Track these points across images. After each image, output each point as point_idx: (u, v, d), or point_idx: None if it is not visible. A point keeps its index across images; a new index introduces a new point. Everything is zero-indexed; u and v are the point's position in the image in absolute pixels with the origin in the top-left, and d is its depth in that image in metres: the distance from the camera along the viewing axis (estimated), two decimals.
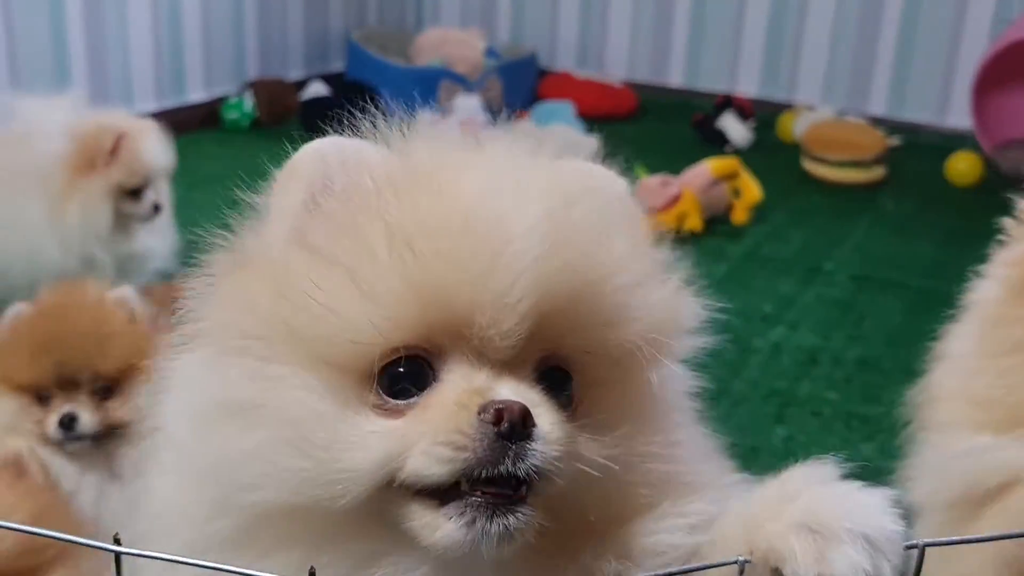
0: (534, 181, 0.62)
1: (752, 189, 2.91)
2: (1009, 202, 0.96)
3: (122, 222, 2.15)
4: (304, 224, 0.63)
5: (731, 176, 2.89)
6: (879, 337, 2.24)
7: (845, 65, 4.11)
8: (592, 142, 3.50)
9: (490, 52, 4.22)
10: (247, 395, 0.59)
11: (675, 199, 2.79)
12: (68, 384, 1.32)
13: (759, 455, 1.74)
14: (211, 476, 0.60)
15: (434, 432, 0.57)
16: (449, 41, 4.21)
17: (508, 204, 0.59)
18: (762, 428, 1.84)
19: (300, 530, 0.58)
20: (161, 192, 2.23)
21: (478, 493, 0.56)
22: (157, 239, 2.23)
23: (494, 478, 0.56)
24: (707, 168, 2.89)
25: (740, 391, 1.98)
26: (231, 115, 3.66)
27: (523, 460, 0.56)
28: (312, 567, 0.51)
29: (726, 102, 3.88)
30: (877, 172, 3.42)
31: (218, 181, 3.21)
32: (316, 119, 3.20)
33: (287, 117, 3.77)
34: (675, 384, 0.70)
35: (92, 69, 3.24)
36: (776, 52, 4.21)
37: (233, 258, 0.65)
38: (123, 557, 0.55)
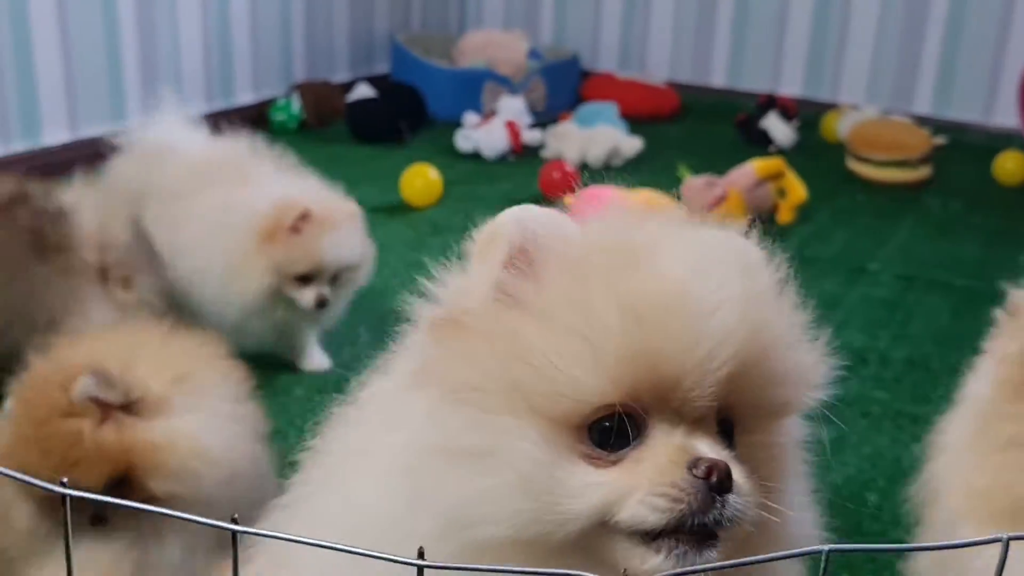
0: (727, 256, 0.71)
1: (797, 189, 2.91)
2: None
3: (285, 304, 1.98)
4: (509, 286, 0.69)
5: (776, 176, 2.89)
6: (926, 337, 2.24)
7: (890, 64, 4.09)
8: (636, 143, 3.52)
9: (533, 54, 4.25)
10: (472, 443, 0.66)
11: (720, 199, 2.80)
12: None
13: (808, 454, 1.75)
14: (438, 511, 0.66)
15: (651, 485, 0.65)
16: (492, 43, 4.25)
17: (713, 280, 0.68)
18: (809, 428, 1.84)
19: (510, 555, 0.65)
20: (343, 289, 2.01)
21: (684, 534, 0.65)
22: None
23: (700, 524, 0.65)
24: (752, 168, 2.89)
25: None
26: (279, 117, 3.72)
27: (726, 509, 0.65)
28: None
29: (769, 102, 3.88)
30: (923, 172, 3.41)
31: None
32: (362, 120, 3.32)
33: (333, 119, 3.82)
34: (798, 436, 0.79)
35: (144, 72, 3.31)
36: (820, 51, 4.20)
37: (441, 310, 0.71)
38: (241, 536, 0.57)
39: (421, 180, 2.96)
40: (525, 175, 3.32)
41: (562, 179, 3.05)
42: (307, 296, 1.93)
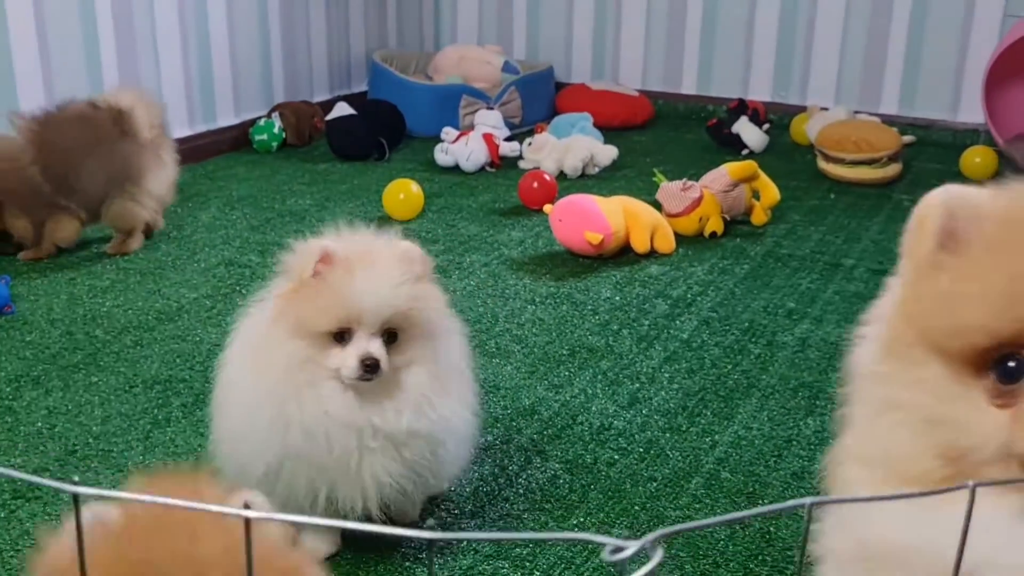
0: None
1: (771, 190, 2.98)
2: None
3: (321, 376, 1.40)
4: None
5: (750, 178, 2.97)
6: None
7: (856, 66, 4.18)
8: (612, 151, 3.59)
9: (508, 67, 4.32)
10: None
11: (696, 202, 2.87)
12: None
13: (792, 446, 1.82)
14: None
15: None
16: (467, 58, 4.32)
17: None
18: (793, 420, 1.91)
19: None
20: (407, 349, 1.40)
21: None
22: (395, 410, 1.40)
23: None
24: (726, 171, 2.96)
25: (769, 385, 2.05)
26: (260, 137, 3.77)
27: None
28: None
29: (740, 107, 3.96)
30: (892, 169, 3.49)
31: (251, 200, 3.36)
32: (342, 138, 3.42)
33: (314, 137, 3.88)
34: None
35: None
36: (787, 57, 4.29)
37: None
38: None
39: (403, 194, 3.02)
40: (504, 186, 3.38)
41: (541, 189, 3.12)
42: (348, 359, 1.35)
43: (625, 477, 1.71)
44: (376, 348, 1.35)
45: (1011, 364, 0.73)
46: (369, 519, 1.48)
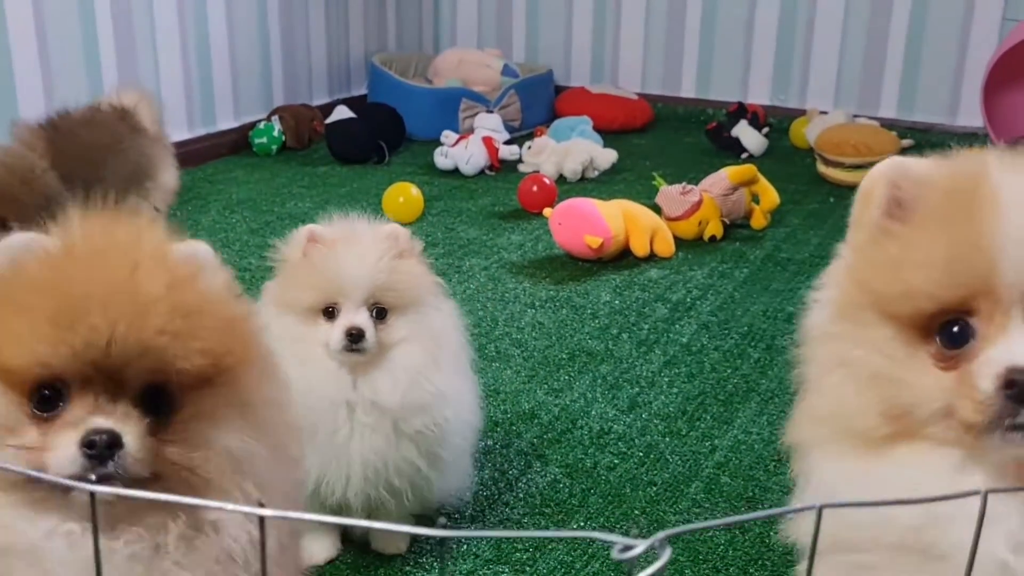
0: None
1: (770, 194, 2.99)
2: None
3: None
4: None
5: (749, 182, 2.97)
6: None
7: (855, 69, 4.19)
8: (611, 154, 3.60)
9: (507, 71, 4.33)
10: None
11: (696, 206, 2.87)
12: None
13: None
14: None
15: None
16: (467, 62, 4.32)
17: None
18: None
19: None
20: (396, 322, 1.42)
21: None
22: (385, 384, 1.41)
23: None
24: (725, 175, 2.96)
25: (769, 389, 2.05)
26: (260, 140, 3.77)
27: None
28: None
29: (740, 110, 3.96)
30: None
31: (251, 204, 3.35)
32: (342, 141, 3.42)
33: (313, 140, 3.88)
34: None
35: None
36: (786, 60, 4.29)
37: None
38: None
39: (403, 197, 3.02)
40: (504, 189, 3.38)
41: (540, 192, 3.12)
42: (334, 331, 1.38)
43: (625, 481, 1.71)
44: (362, 320, 1.37)
45: (955, 329, 0.76)
46: (344, 532, 1.48)
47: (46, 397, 0.76)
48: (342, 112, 3.77)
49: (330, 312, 1.39)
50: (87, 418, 0.74)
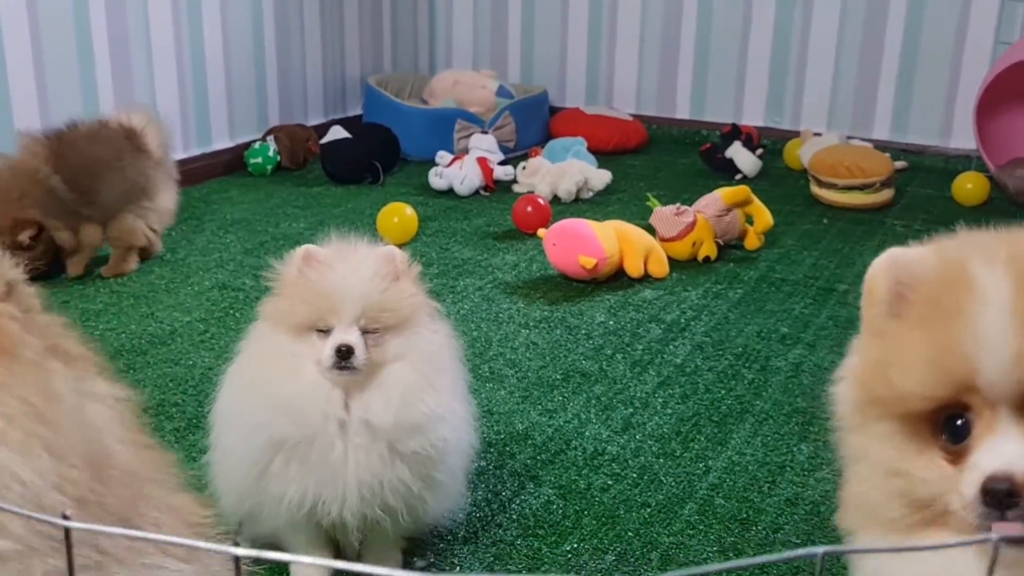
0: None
1: (764, 215, 2.99)
2: (1014, 219, 1.04)
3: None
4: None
5: (743, 203, 2.98)
6: None
7: (849, 91, 4.21)
8: (606, 175, 3.61)
9: (502, 91, 4.34)
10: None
11: (690, 227, 2.88)
12: None
13: (786, 472, 1.82)
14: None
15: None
16: (462, 83, 4.34)
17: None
18: (787, 446, 1.91)
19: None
20: (386, 340, 1.42)
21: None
22: (378, 404, 1.40)
23: None
24: (719, 196, 2.97)
25: (763, 410, 2.05)
26: (255, 160, 3.77)
27: None
28: None
29: (734, 131, 3.98)
30: (885, 195, 3.51)
31: (245, 224, 3.36)
32: (337, 161, 3.42)
33: (309, 160, 3.88)
34: None
35: None
36: (780, 82, 4.32)
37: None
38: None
39: (397, 218, 3.02)
40: (498, 210, 3.39)
41: (535, 213, 3.13)
42: (326, 349, 1.39)
43: (619, 503, 1.71)
44: (352, 338, 1.38)
45: (958, 423, 0.76)
46: (337, 550, 1.48)
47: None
48: (337, 132, 3.78)
49: (324, 330, 1.40)
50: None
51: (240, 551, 0.59)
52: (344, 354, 1.37)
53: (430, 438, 1.41)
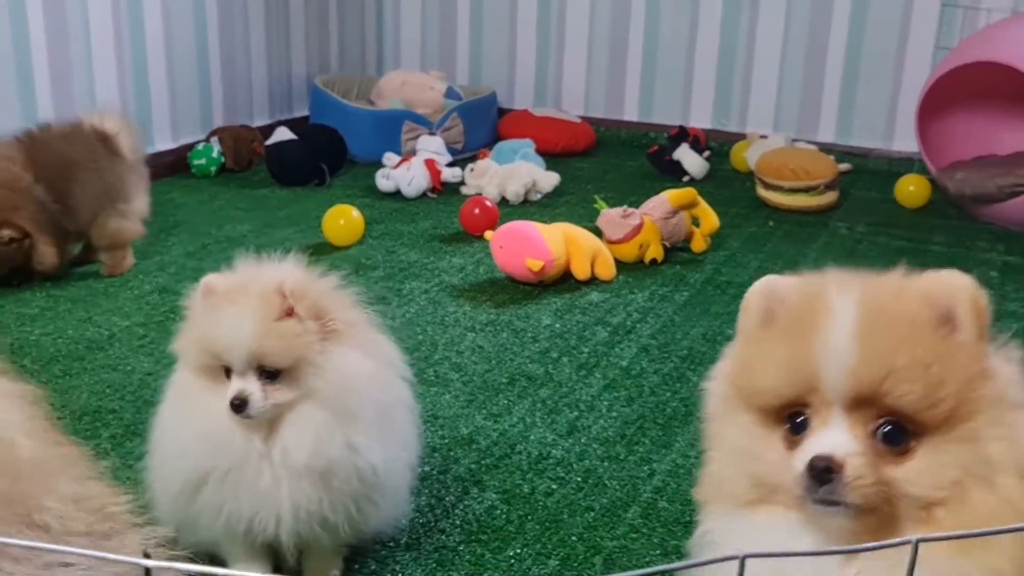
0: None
1: (711, 217, 3.01)
2: (954, 219, 1.14)
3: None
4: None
5: (690, 205, 2.99)
6: None
7: (794, 95, 4.25)
8: (554, 177, 3.60)
9: (450, 93, 4.32)
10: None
11: (637, 229, 2.88)
12: None
13: None
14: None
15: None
16: (410, 84, 4.31)
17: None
18: None
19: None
20: (287, 391, 1.36)
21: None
22: (291, 443, 1.36)
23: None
24: (666, 198, 2.98)
25: None
26: (199, 161, 3.71)
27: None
28: None
29: (681, 134, 4.00)
30: (829, 197, 3.54)
31: (188, 226, 3.30)
32: (282, 163, 3.37)
33: (253, 162, 3.83)
34: None
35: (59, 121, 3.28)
36: (727, 85, 4.35)
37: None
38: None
39: (343, 220, 2.99)
40: (446, 212, 3.37)
41: (482, 215, 3.11)
42: (226, 398, 1.34)
43: (563, 507, 1.70)
44: (248, 386, 1.32)
45: (798, 420, 0.94)
46: (277, 559, 1.45)
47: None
48: (283, 134, 3.74)
49: (228, 371, 1.35)
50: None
51: (151, 563, 0.57)
52: (238, 407, 1.32)
53: (353, 472, 1.37)
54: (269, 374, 1.34)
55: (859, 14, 4.07)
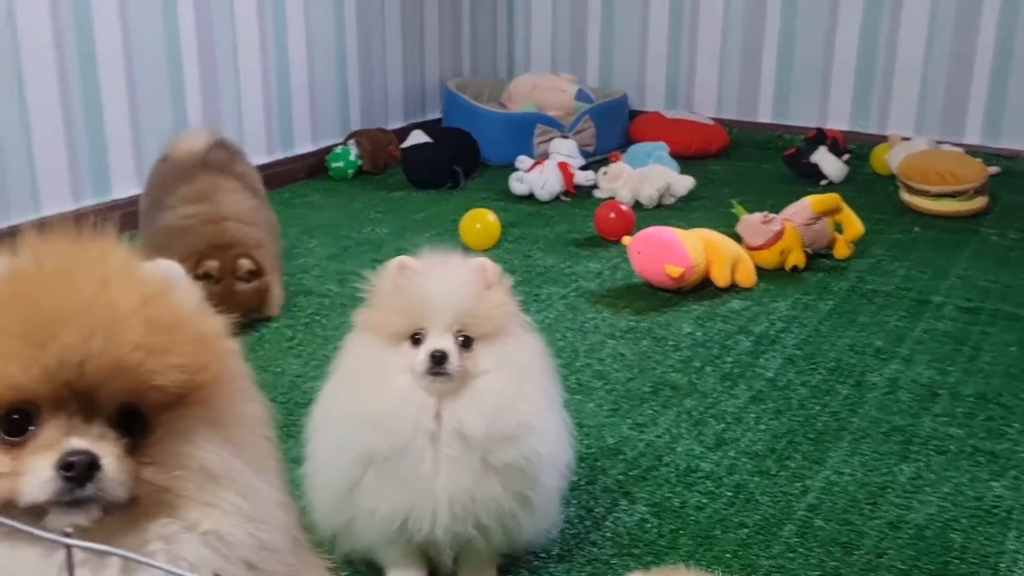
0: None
1: (855, 223, 2.92)
2: None
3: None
4: None
5: (833, 211, 2.91)
6: (996, 371, 2.24)
7: (939, 94, 4.09)
8: (689, 181, 3.55)
9: (581, 95, 4.31)
10: None
11: (778, 235, 2.82)
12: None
13: (887, 493, 1.76)
14: None
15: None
16: (541, 86, 4.31)
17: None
18: (887, 466, 1.85)
19: None
20: (481, 350, 1.42)
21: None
22: (470, 414, 1.39)
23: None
24: (808, 204, 2.91)
25: (860, 428, 1.99)
26: (337, 164, 3.79)
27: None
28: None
29: (819, 136, 3.90)
30: (979, 202, 3.40)
31: (328, 228, 3.37)
32: (418, 166, 3.42)
33: (389, 165, 3.89)
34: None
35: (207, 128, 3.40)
36: (867, 84, 4.21)
37: None
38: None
39: (480, 224, 3.01)
40: (580, 216, 3.36)
41: (618, 219, 3.09)
42: (419, 355, 1.39)
43: (715, 523, 1.67)
44: (446, 344, 1.38)
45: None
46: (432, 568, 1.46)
47: (15, 421, 0.74)
48: (418, 137, 3.79)
49: (417, 339, 1.40)
50: (62, 440, 0.73)
51: (74, 542, 0.58)
52: (438, 359, 1.37)
53: (523, 450, 1.40)
54: (464, 342, 1.40)
55: (1009, 9, 3.89)
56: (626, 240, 2.79)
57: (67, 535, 0.58)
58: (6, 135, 2.83)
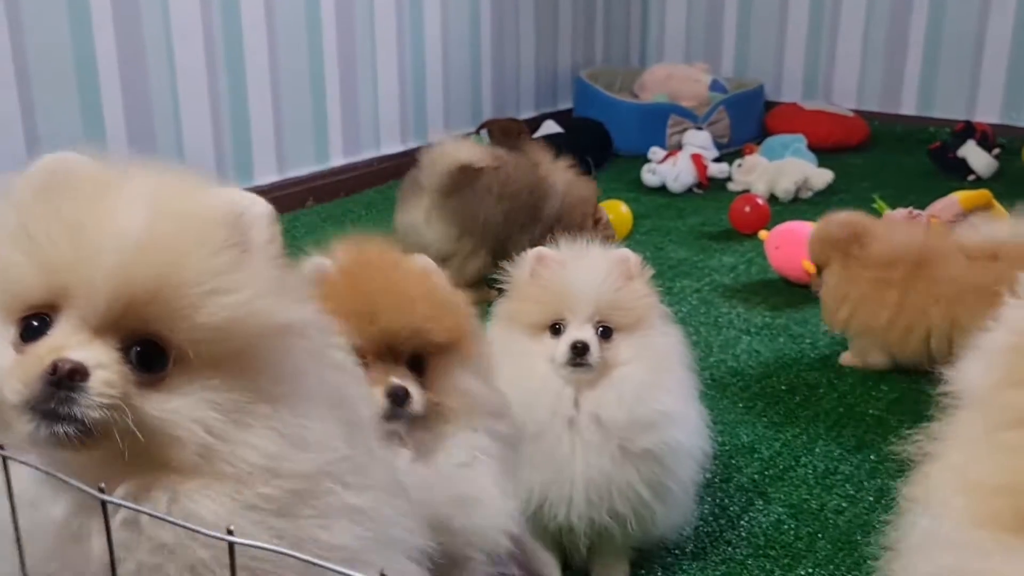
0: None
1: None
2: None
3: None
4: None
5: (983, 208, 2.78)
6: None
7: None
8: (827, 174, 3.46)
9: (715, 85, 4.24)
10: None
11: None
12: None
13: None
14: None
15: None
16: (674, 76, 4.26)
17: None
18: None
19: None
20: (622, 342, 1.43)
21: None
22: (609, 400, 1.40)
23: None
24: (956, 200, 2.79)
25: None
26: None
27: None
28: None
29: (967, 129, 3.73)
30: None
31: None
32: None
33: None
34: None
35: (345, 118, 3.48)
36: (1020, 75, 4.01)
37: None
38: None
39: (613, 214, 2.99)
40: (713, 208, 3.30)
41: (753, 213, 3.03)
42: (560, 345, 1.39)
43: (855, 527, 1.62)
44: (587, 335, 1.38)
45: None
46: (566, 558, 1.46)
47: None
48: (549, 127, 3.79)
49: (556, 329, 1.41)
50: (386, 378, 1.09)
51: (237, 540, 0.62)
52: (579, 350, 1.37)
53: (662, 436, 1.39)
54: (603, 332, 1.40)
55: None
56: (763, 234, 2.73)
57: (101, 490, 0.65)
58: (161, 128, 2.95)
